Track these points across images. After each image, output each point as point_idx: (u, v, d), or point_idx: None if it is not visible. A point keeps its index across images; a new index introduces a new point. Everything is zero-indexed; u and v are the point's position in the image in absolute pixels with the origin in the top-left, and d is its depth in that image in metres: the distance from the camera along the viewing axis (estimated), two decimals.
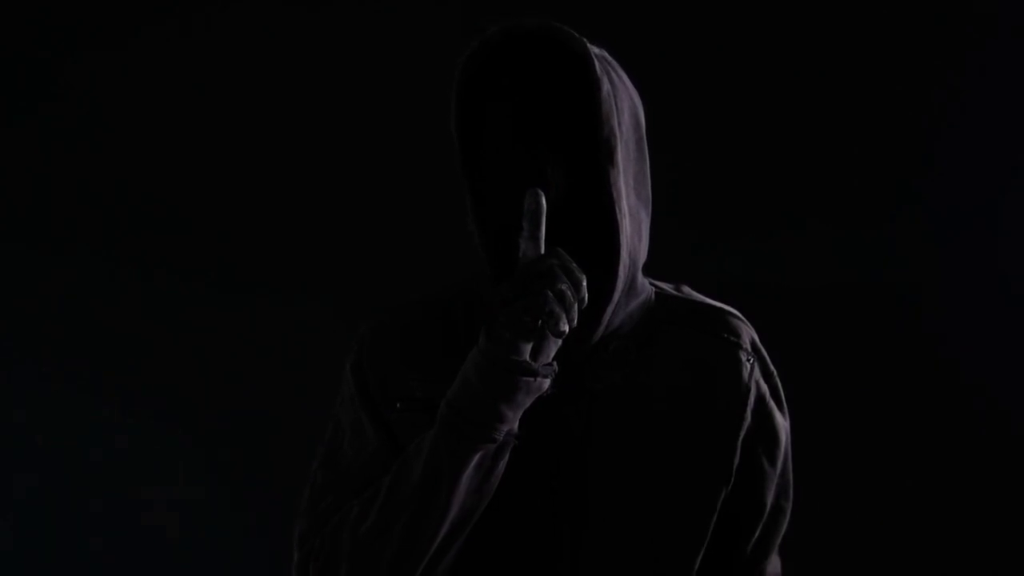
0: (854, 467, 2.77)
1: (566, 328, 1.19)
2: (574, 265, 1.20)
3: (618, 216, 1.28)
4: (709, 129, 2.80)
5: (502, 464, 1.27)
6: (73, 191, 2.97)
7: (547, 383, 1.24)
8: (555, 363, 1.26)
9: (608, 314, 1.33)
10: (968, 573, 2.78)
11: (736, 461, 1.40)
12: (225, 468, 2.97)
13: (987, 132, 2.75)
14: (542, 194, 1.22)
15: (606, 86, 1.28)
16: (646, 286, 1.43)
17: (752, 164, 2.81)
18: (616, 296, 1.32)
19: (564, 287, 1.18)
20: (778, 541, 1.53)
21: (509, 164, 1.30)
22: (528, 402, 1.24)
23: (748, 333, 1.45)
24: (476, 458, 1.24)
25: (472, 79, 1.32)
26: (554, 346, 1.24)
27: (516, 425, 1.26)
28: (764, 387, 1.44)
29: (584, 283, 1.20)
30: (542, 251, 1.22)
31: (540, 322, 1.19)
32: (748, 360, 1.42)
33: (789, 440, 1.48)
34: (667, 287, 1.47)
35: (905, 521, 2.77)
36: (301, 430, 2.77)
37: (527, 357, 1.22)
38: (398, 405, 1.35)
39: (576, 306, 1.19)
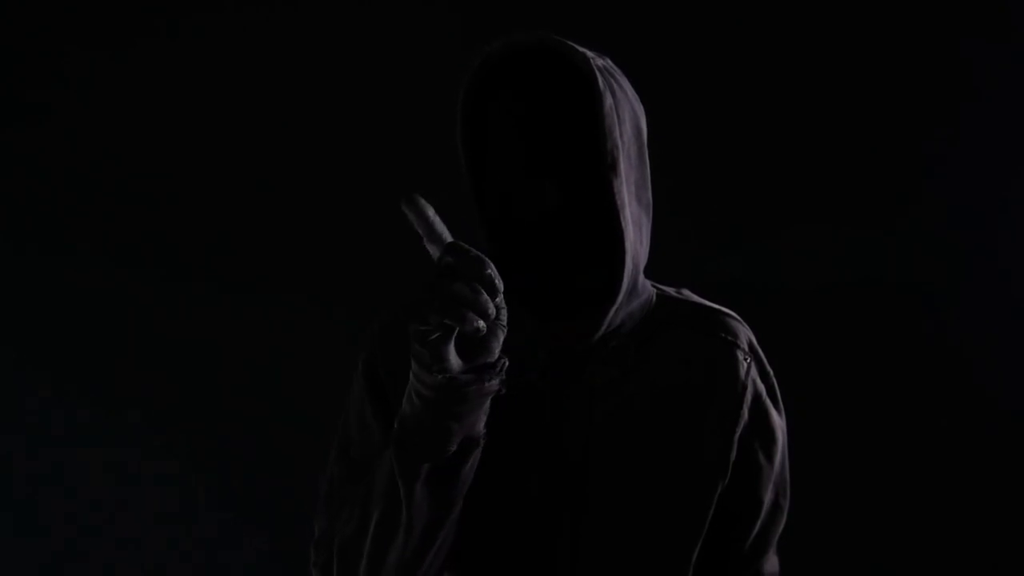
0: (855, 467, 2.78)
1: (478, 324, 1.12)
2: (473, 253, 1.13)
3: (623, 224, 1.31)
4: (710, 130, 2.81)
5: (468, 467, 1.27)
6: (73, 191, 2.98)
7: (494, 384, 1.21)
8: (503, 359, 1.22)
9: (610, 315, 1.36)
10: (967, 573, 2.78)
11: (733, 456, 1.43)
12: (224, 468, 2.98)
13: (988, 131, 2.76)
14: (418, 196, 1.14)
15: (608, 100, 1.30)
16: (647, 287, 1.46)
17: (753, 165, 2.82)
18: (619, 298, 1.35)
19: (458, 286, 1.12)
20: (775, 539, 1.56)
21: (513, 172, 1.32)
22: (478, 406, 1.22)
23: (746, 334, 1.48)
24: (424, 470, 1.24)
25: (475, 91, 1.34)
26: (495, 339, 1.19)
27: (480, 426, 1.25)
28: (761, 386, 1.47)
29: (489, 269, 1.13)
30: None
31: (442, 327, 1.14)
32: (745, 359, 1.45)
33: (786, 439, 1.51)
34: (668, 290, 1.50)
35: (906, 521, 2.78)
36: (300, 430, 2.78)
37: (452, 362, 1.17)
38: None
39: (483, 295, 1.12)
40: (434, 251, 1.14)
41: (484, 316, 1.13)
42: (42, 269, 3.00)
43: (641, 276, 1.42)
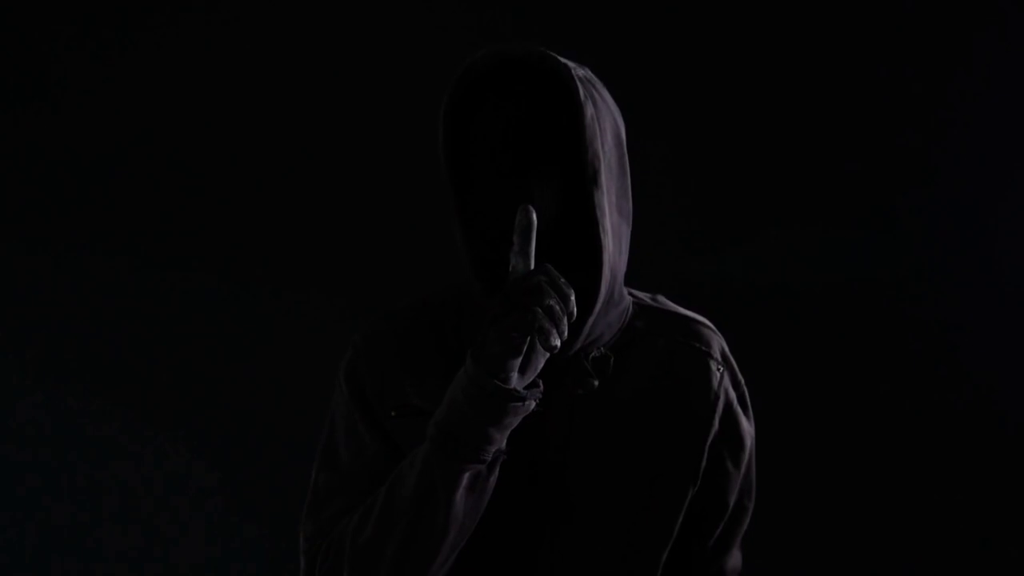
0: (853, 466, 2.78)
1: (557, 343, 1.22)
2: (563, 280, 1.24)
3: (601, 236, 1.33)
4: (709, 131, 2.81)
5: (493, 480, 1.32)
6: (73, 191, 2.98)
7: (533, 404, 1.29)
8: (540, 381, 1.30)
9: (589, 325, 1.37)
10: (967, 573, 2.78)
11: (703, 464, 1.47)
12: (224, 468, 2.98)
13: (987, 131, 2.76)
14: (533, 210, 1.25)
15: (590, 111, 1.32)
16: (625, 296, 1.47)
17: (751, 165, 2.82)
18: (597, 308, 1.37)
19: (552, 302, 1.22)
20: (739, 538, 1.59)
21: (496, 181, 1.34)
22: (516, 422, 1.29)
23: (719, 343, 1.51)
24: (466, 478, 1.29)
25: (459, 101, 1.36)
26: (542, 359, 1.28)
27: (505, 442, 1.30)
28: (732, 395, 1.50)
29: (572, 297, 1.24)
30: (531, 267, 1.26)
31: (529, 338, 1.23)
32: (718, 369, 1.49)
33: (754, 445, 1.54)
34: (644, 297, 1.52)
35: (904, 520, 2.78)
36: (300, 430, 2.78)
37: (515, 374, 1.25)
38: (393, 413, 1.39)
39: (566, 320, 1.23)
40: (518, 264, 1.25)
41: (562, 337, 1.23)
42: (42, 269, 3.00)
43: (620, 285, 1.43)
